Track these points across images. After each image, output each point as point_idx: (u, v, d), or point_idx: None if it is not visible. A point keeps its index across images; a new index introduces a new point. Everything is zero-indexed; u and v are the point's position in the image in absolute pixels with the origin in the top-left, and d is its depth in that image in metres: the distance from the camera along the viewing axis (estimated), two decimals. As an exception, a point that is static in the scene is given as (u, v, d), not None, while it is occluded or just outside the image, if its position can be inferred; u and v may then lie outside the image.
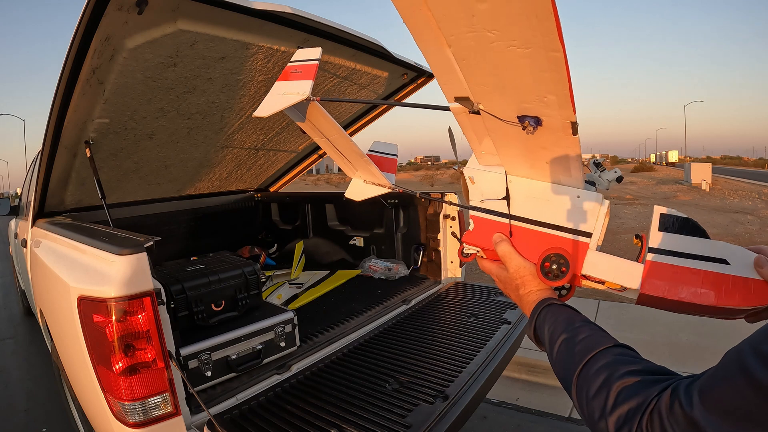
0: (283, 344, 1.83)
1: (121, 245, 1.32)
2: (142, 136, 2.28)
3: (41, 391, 3.18)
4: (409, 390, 1.57)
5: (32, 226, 2.30)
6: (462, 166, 0.88)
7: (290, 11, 1.83)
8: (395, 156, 1.45)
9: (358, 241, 3.33)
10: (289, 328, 1.85)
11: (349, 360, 1.84)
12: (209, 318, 1.80)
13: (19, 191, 6.03)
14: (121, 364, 1.25)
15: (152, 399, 1.28)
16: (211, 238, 3.56)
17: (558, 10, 0.45)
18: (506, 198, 0.79)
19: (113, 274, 1.26)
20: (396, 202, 3.02)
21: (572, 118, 0.59)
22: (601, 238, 0.74)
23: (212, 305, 1.82)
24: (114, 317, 1.23)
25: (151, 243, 1.32)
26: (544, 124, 0.62)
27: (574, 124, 0.60)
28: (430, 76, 2.83)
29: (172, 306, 1.69)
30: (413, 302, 2.50)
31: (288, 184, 4.08)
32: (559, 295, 0.79)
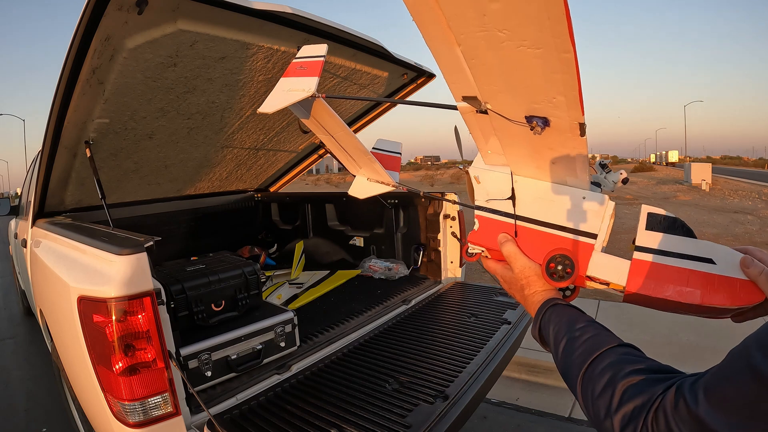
0: (283, 344, 1.82)
1: (121, 245, 1.32)
2: (142, 136, 2.28)
3: (41, 391, 3.17)
4: (409, 390, 1.57)
5: (32, 226, 2.29)
6: (467, 165, 0.88)
7: (290, 11, 1.83)
8: (399, 154, 1.44)
9: (358, 241, 3.32)
10: (289, 328, 1.85)
11: (349, 360, 1.84)
12: (209, 318, 1.79)
13: (19, 191, 6.03)
14: (121, 364, 1.24)
15: (152, 399, 1.28)
16: (211, 238, 3.56)
17: (570, 11, 0.44)
18: (512, 198, 0.79)
19: (113, 274, 1.26)
20: (396, 202, 3.02)
21: (580, 119, 0.59)
22: (606, 239, 0.74)
23: (212, 305, 1.82)
24: (114, 317, 1.23)
25: (151, 243, 1.32)
26: (551, 125, 0.62)
27: (582, 126, 0.60)
28: (430, 76, 2.82)
29: (172, 306, 1.69)
30: (413, 302, 2.50)
31: (288, 184, 4.07)
32: (563, 296, 0.79)
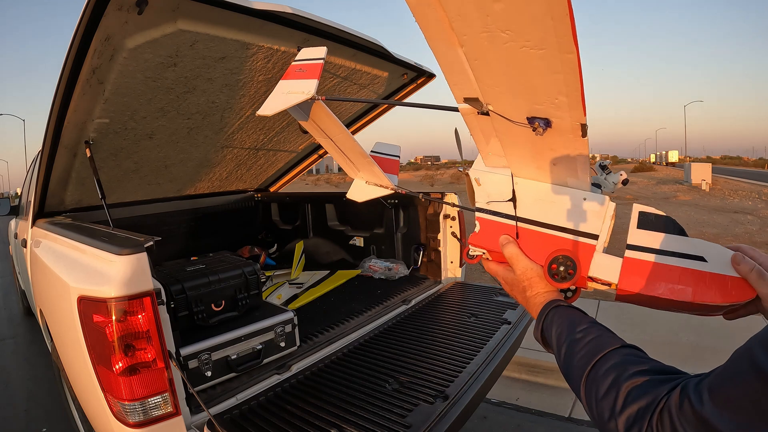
0: (283, 344, 1.82)
1: (121, 245, 1.32)
2: (142, 136, 2.28)
3: (41, 391, 3.17)
4: (409, 390, 1.56)
5: (32, 226, 2.29)
6: (466, 167, 0.88)
7: (290, 11, 1.83)
8: (398, 157, 1.44)
9: (358, 241, 3.32)
10: (289, 328, 1.85)
11: (349, 360, 1.84)
12: (209, 318, 1.79)
13: (19, 191, 6.03)
14: (121, 364, 1.24)
15: (152, 399, 1.28)
16: (211, 238, 3.56)
17: (573, 11, 0.44)
18: (512, 200, 0.79)
19: (113, 274, 1.26)
20: (396, 202, 3.02)
21: (582, 120, 0.59)
22: (607, 240, 0.74)
23: (212, 305, 1.82)
24: (114, 317, 1.23)
25: (151, 243, 1.32)
26: (553, 126, 0.62)
27: (584, 126, 0.60)
28: (430, 76, 2.82)
29: (172, 306, 1.69)
30: (413, 302, 2.50)
31: (288, 184, 4.07)
32: (564, 297, 0.79)
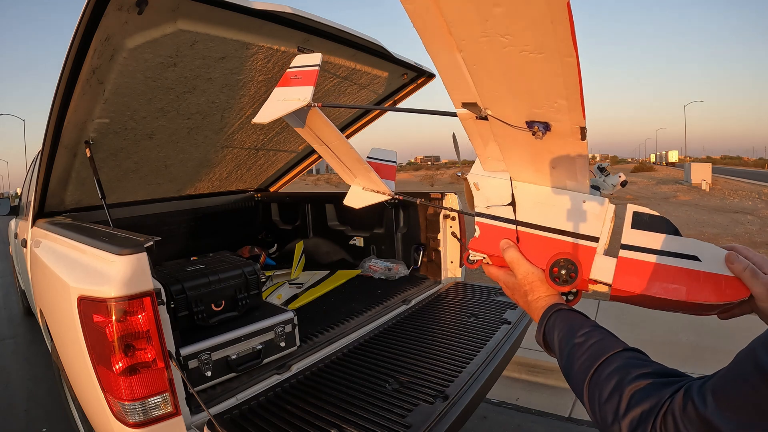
0: (283, 344, 1.82)
1: (121, 245, 1.32)
2: (142, 136, 2.28)
3: (41, 391, 3.18)
4: (409, 390, 1.57)
5: (32, 226, 2.29)
6: (465, 172, 0.88)
7: (290, 11, 1.83)
8: (394, 163, 1.44)
9: (358, 241, 3.33)
10: (289, 328, 1.85)
11: (349, 360, 1.84)
12: (209, 318, 1.79)
13: (19, 191, 6.03)
14: (121, 364, 1.24)
15: (152, 399, 1.28)
16: (211, 238, 3.56)
17: (573, 14, 0.44)
18: (512, 204, 0.79)
19: (113, 274, 1.26)
20: (396, 203, 3.02)
21: (582, 123, 0.59)
22: (607, 242, 0.74)
23: (212, 305, 1.82)
24: (114, 317, 1.23)
25: (151, 243, 1.32)
26: (552, 129, 0.62)
27: (583, 129, 0.60)
28: (430, 76, 2.82)
29: (172, 306, 1.69)
30: (413, 302, 2.50)
31: (288, 184, 4.07)
32: (566, 300, 0.79)
